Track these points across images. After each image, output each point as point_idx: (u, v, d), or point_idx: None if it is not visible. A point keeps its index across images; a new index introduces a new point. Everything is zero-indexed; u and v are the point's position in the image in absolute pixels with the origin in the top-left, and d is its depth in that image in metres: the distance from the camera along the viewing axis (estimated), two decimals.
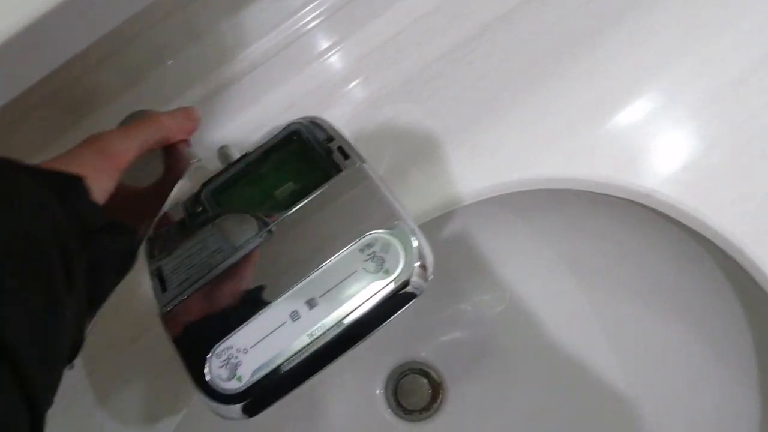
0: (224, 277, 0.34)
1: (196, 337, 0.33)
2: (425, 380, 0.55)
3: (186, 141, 0.37)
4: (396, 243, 0.32)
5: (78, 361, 0.44)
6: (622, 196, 0.42)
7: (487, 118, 0.45)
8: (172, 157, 0.36)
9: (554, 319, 0.51)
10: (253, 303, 0.32)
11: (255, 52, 0.44)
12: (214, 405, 0.31)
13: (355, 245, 0.32)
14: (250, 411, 0.31)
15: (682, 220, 0.41)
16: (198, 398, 0.32)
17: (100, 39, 0.31)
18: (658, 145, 0.42)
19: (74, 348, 0.27)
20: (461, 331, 0.55)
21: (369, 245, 0.32)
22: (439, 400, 0.54)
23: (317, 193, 0.34)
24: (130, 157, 0.32)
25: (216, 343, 0.32)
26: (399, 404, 0.54)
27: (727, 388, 0.44)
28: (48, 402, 0.24)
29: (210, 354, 0.32)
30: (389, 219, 0.33)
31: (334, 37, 0.48)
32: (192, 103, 0.44)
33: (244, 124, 0.47)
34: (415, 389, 0.55)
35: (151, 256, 0.37)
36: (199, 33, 0.42)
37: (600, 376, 0.50)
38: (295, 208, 0.34)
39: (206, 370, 0.32)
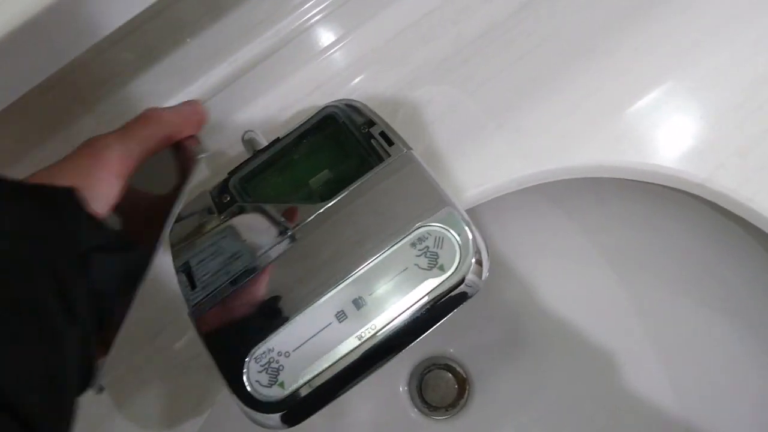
0: (261, 274, 0.31)
1: (232, 338, 0.30)
2: (450, 375, 0.53)
3: (194, 137, 0.34)
4: (451, 237, 0.30)
5: None
6: (671, 185, 0.40)
7: (528, 100, 0.42)
8: (180, 156, 0.33)
9: (588, 312, 0.49)
10: (294, 302, 0.30)
11: (282, 31, 0.41)
12: (254, 414, 0.29)
13: (407, 239, 0.30)
14: (292, 420, 0.29)
15: (734, 210, 0.39)
16: (231, 402, 0.30)
17: None
18: (709, 131, 0.40)
19: (85, 377, 0.25)
20: (488, 324, 0.53)
21: (421, 239, 0.30)
22: (465, 396, 0.52)
23: (360, 182, 0.32)
24: (132, 161, 0.29)
25: (255, 345, 0.29)
26: (424, 401, 0.52)
27: None
28: None
29: (248, 357, 0.29)
30: (442, 210, 0.30)
31: (361, 16, 0.45)
32: (212, 87, 0.41)
33: (267, 106, 0.44)
34: (441, 385, 0.53)
35: (176, 249, 0.34)
36: (223, 9, 0.39)
37: (636, 371, 0.48)
38: (337, 198, 0.32)
39: (245, 376, 0.29)
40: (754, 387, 0.43)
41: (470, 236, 0.29)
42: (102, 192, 0.27)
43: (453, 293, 0.29)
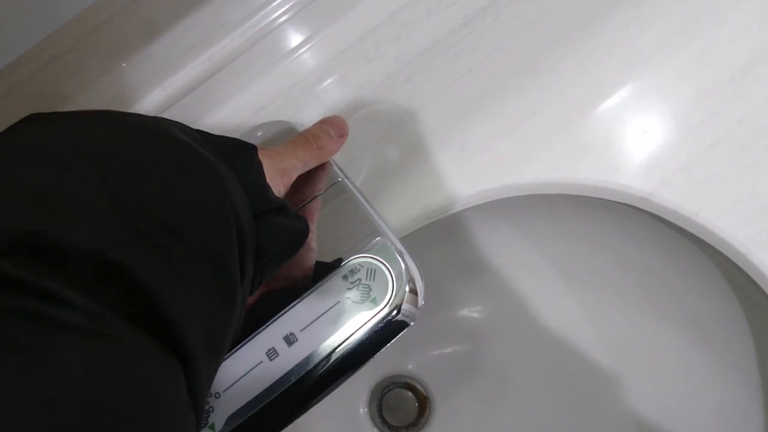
0: None
1: None
2: (411, 394, 0.52)
3: None
4: (383, 268, 0.29)
5: None
6: (618, 200, 0.40)
7: (474, 117, 0.41)
8: (318, 176, 0.33)
9: (546, 327, 0.49)
10: None
11: (221, 50, 0.40)
12: None
13: (338, 272, 0.29)
14: None
15: (681, 225, 0.39)
16: None
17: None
18: (654, 145, 0.40)
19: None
20: (447, 341, 0.52)
21: (353, 272, 0.29)
22: (426, 415, 0.52)
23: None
24: (295, 176, 0.30)
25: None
26: (384, 421, 0.51)
27: (728, 395, 0.42)
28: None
29: None
30: (374, 241, 0.29)
31: (306, 32, 0.44)
32: (149, 111, 0.40)
33: (210, 127, 0.43)
34: (401, 404, 0.52)
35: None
36: (158, 30, 0.38)
37: (594, 386, 0.48)
38: None
39: None
40: (708, 396, 0.43)
41: (403, 266, 0.29)
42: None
43: (388, 324, 0.28)
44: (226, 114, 0.43)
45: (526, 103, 0.41)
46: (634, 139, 0.40)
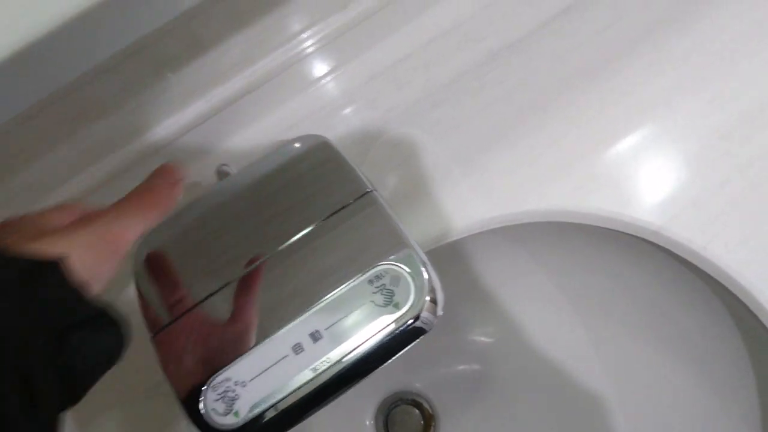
0: (225, 297, 0.32)
1: (192, 367, 0.31)
2: (417, 411, 0.53)
3: None
4: (406, 276, 0.31)
5: None
6: (629, 232, 0.42)
7: (496, 146, 0.44)
8: None
9: (553, 354, 0.50)
10: (254, 332, 0.31)
11: (261, 68, 0.43)
12: None
13: (364, 277, 0.31)
14: None
15: (689, 259, 0.41)
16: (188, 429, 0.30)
17: None
18: (667, 181, 0.42)
19: None
20: (456, 362, 0.53)
21: (378, 277, 0.31)
22: None
23: (323, 220, 0.33)
24: (133, 238, 0.28)
25: (213, 374, 0.30)
26: None
27: (730, 429, 0.43)
28: None
29: (206, 386, 0.30)
30: (400, 250, 0.31)
31: (338, 59, 0.46)
32: (192, 120, 0.43)
33: (242, 142, 0.46)
34: (406, 420, 0.53)
35: (139, 272, 0.35)
36: (204, 47, 0.41)
37: (598, 415, 0.49)
38: (300, 235, 0.33)
39: (201, 404, 0.30)
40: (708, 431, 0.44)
41: (426, 276, 0.31)
42: (97, 266, 0.26)
43: (407, 329, 0.30)
44: (260, 128, 0.46)
45: (545, 136, 0.44)
46: (647, 174, 0.42)
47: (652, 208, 0.41)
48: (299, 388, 0.29)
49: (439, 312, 0.31)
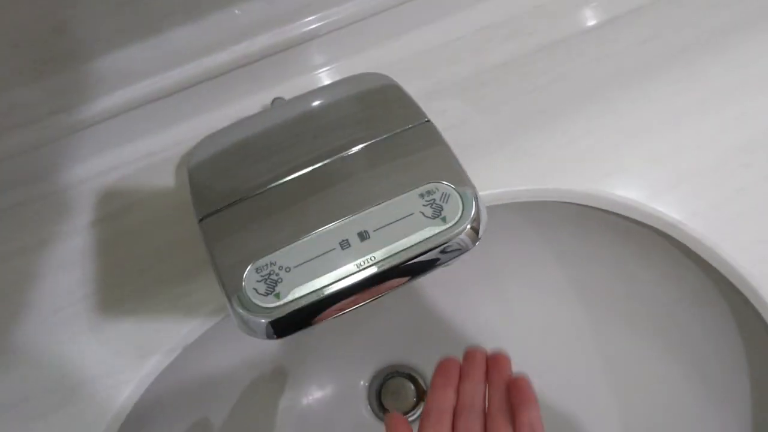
0: (276, 193, 0.33)
1: (237, 247, 0.32)
2: (412, 385, 0.54)
3: None
4: (457, 195, 0.33)
5: (79, 279, 0.42)
6: (649, 223, 0.44)
7: (533, 127, 0.46)
8: None
9: (553, 344, 0.52)
10: (304, 224, 0.32)
11: (336, 14, 0.45)
12: (245, 315, 0.30)
13: (417, 190, 0.33)
14: (281, 330, 0.30)
15: (703, 256, 0.43)
16: (228, 311, 0.31)
17: None
18: (689, 182, 0.44)
19: None
20: (457, 342, 0.54)
21: (430, 192, 0.33)
22: (421, 408, 0.53)
23: (385, 136, 0.35)
24: None
25: (259, 256, 0.31)
26: (380, 402, 0.53)
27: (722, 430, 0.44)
28: None
29: (250, 266, 0.31)
30: (453, 173, 0.33)
31: (394, 29, 0.49)
32: (258, 49, 0.45)
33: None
34: (400, 392, 0.53)
35: (195, 157, 0.36)
36: None
37: (591, 408, 0.50)
38: (361, 146, 0.35)
39: (243, 281, 0.31)
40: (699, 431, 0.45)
41: (474, 197, 0.33)
42: None
43: (449, 242, 0.32)
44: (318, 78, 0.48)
45: (580, 124, 0.46)
46: (671, 174, 0.45)
47: (673, 206, 0.44)
48: (341, 279, 0.31)
49: (478, 239, 0.33)
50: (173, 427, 0.45)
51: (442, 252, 0.32)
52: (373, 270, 0.31)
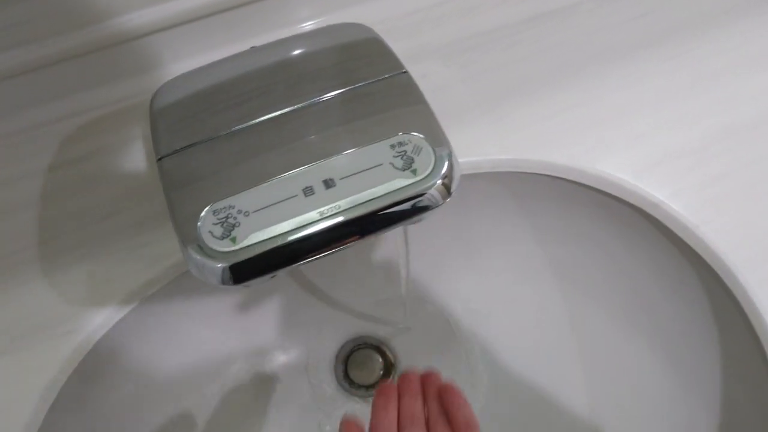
0: (241, 136, 0.32)
1: (195, 189, 0.30)
2: (380, 358, 0.52)
3: None
4: (430, 150, 0.31)
5: (33, 227, 0.40)
6: (630, 200, 0.43)
7: (518, 97, 0.45)
8: None
9: (525, 323, 0.50)
10: (266, 169, 0.30)
11: None
12: (198, 258, 0.29)
13: (388, 140, 0.31)
14: (236, 276, 0.29)
15: (682, 237, 0.42)
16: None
17: None
18: (673, 162, 0.43)
19: None
20: (429, 315, 0.53)
21: (402, 144, 0.31)
22: (388, 382, 0.52)
23: (358, 85, 0.33)
24: None
25: (216, 199, 0.30)
26: (346, 373, 0.51)
27: (687, 417, 0.43)
28: None
29: (207, 208, 0.30)
30: (428, 126, 0.32)
31: None
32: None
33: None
34: (367, 364, 0.52)
35: (158, 98, 0.34)
36: None
37: (560, 388, 0.49)
38: (333, 93, 0.33)
39: (199, 222, 0.29)
40: (668, 415, 0.44)
41: (447, 152, 0.31)
42: None
43: (417, 198, 0.30)
44: None
45: (566, 97, 0.45)
46: (654, 153, 0.43)
47: (654, 185, 0.43)
48: (301, 227, 0.29)
49: (448, 197, 0.31)
50: (127, 383, 0.43)
51: (411, 206, 0.30)
52: (337, 219, 0.29)
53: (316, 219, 0.29)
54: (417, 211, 0.31)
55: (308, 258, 0.30)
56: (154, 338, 0.44)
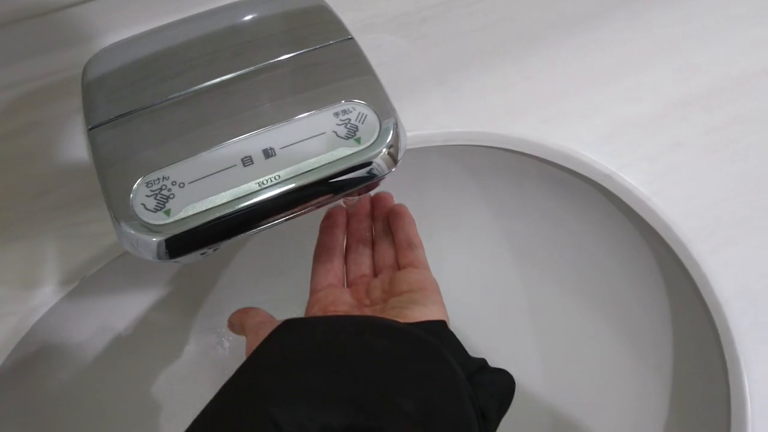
0: (177, 105, 0.30)
1: (127, 161, 0.29)
2: None
3: None
4: (374, 118, 0.30)
5: None
6: (583, 172, 0.43)
7: (473, 68, 0.44)
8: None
9: (481, 295, 0.50)
10: (202, 139, 0.29)
11: None
12: (133, 235, 0.27)
13: (331, 108, 0.30)
14: (171, 251, 0.27)
15: (634, 208, 0.42)
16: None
17: None
18: (626, 132, 0.43)
19: None
20: None
21: (345, 111, 0.30)
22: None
23: (300, 51, 0.32)
24: None
25: (149, 170, 0.28)
26: None
27: (640, 386, 0.44)
28: None
29: (139, 179, 0.28)
30: (373, 93, 0.31)
31: None
32: None
33: None
34: None
35: (90, 66, 0.32)
36: None
37: (516, 361, 0.48)
38: (274, 60, 0.32)
39: (131, 195, 0.28)
40: (621, 385, 0.45)
41: (393, 122, 0.30)
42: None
43: (362, 166, 0.29)
44: None
45: (521, 68, 0.44)
46: (608, 124, 0.43)
47: (608, 156, 0.42)
48: (239, 198, 0.28)
49: (394, 166, 0.31)
50: (64, 368, 0.42)
51: (355, 176, 0.29)
52: (277, 190, 0.28)
53: (255, 190, 0.28)
54: (360, 180, 0.29)
55: (248, 230, 0.28)
56: (95, 321, 0.42)
